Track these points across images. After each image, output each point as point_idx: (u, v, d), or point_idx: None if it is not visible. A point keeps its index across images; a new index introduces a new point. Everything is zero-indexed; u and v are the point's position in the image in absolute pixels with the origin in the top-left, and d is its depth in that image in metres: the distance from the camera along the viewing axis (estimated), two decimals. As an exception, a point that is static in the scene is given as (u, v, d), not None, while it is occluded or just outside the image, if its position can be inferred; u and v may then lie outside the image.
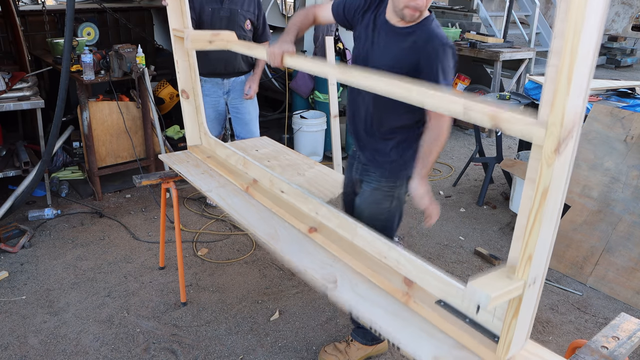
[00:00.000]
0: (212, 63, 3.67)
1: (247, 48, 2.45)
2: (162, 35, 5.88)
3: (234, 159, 2.68)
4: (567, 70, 1.06)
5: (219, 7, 3.60)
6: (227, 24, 3.58)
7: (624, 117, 3.47)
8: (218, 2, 3.61)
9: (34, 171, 3.74)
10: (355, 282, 1.80)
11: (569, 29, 1.03)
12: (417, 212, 4.17)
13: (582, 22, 1.01)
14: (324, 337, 2.73)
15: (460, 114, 1.30)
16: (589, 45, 1.06)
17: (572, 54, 1.04)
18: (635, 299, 3.09)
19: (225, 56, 3.66)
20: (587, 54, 1.07)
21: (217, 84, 3.80)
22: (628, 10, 10.50)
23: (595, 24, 1.04)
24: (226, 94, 3.87)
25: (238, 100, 3.89)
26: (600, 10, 1.04)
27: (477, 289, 1.21)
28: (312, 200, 2.15)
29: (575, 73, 1.06)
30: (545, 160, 1.15)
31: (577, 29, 1.02)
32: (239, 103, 3.91)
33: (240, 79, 3.86)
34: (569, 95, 1.07)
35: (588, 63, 1.08)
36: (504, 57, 5.74)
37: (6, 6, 4.44)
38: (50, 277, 3.17)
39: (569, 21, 1.03)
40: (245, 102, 3.92)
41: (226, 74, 3.78)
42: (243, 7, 3.68)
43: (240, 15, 3.66)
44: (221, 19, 3.60)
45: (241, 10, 3.67)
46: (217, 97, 3.83)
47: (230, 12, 3.63)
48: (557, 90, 1.08)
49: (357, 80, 1.64)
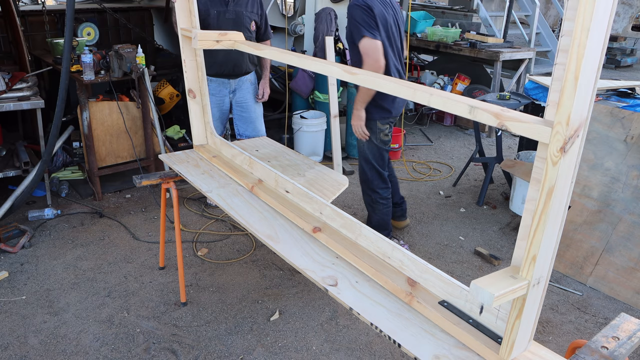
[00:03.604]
0: (220, 65, 3.69)
1: (255, 48, 2.45)
2: (162, 35, 5.88)
3: (240, 158, 2.68)
4: (574, 69, 1.06)
5: (224, 10, 3.60)
6: (233, 26, 3.57)
7: (624, 117, 3.47)
8: (223, 5, 3.60)
9: (34, 171, 3.74)
10: (358, 282, 1.80)
11: (577, 26, 1.03)
12: (417, 213, 4.17)
13: (591, 19, 1.01)
14: (324, 337, 2.73)
15: (466, 113, 1.30)
16: (597, 43, 1.05)
17: (579, 51, 1.04)
18: (635, 299, 3.09)
19: (232, 58, 3.70)
20: (595, 52, 1.06)
21: (224, 84, 3.81)
22: (628, 10, 10.51)
23: (603, 22, 1.04)
24: (232, 93, 3.88)
25: (244, 98, 3.91)
26: (609, 7, 1.04)
27: (481, 288, 1.21)
28: (316, 200, 2.16)
29: (582, 71, 1.05)
30: (550, 159, 1.14)
31: (585, 26, 1.02)
32: (245, 102, 3.92)
33: (246, 77, 3.89)
34: (576, 94, 1.07)
35: (595, 61, 1.08)
36: (504, 57, 5.74)
37: (6, 6, 4.43)
38: (50, 277, 3.16)
39: (577, 18, 1.03)
40: (251, 101, 3.94)
41: (233, 75, 3.81)
42: (247, 9, 3.68)
43: (245, 17, 3.66)
44: (227, 22, 3.60)
45: (246, 12, 3.67)
46: (222, 96, 3.84)
47: (236, 14, 3.63)
48: (564, 89, 1.08)
49: (364, 81, 1.65)
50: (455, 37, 6.40)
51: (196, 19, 2.67)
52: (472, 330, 1.52)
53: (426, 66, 7.24)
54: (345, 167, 4.91)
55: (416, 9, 8.01)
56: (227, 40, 2.46)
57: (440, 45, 6.36)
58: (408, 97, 1.50)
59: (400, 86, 1.52)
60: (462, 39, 6.41)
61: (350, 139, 5.26)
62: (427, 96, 1.42)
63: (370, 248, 1.91)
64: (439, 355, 1.48)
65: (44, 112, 3.93)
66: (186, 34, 2.66)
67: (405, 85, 1.51)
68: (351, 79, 1.70)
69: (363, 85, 1.68)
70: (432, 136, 6.10)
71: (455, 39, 6.38)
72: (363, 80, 1.66)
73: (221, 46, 2.47)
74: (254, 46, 2.40)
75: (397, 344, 1.53)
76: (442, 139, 6.05)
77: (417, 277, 1.72)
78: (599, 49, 1.07)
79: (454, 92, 6.37)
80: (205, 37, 2.43)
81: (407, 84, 1.53)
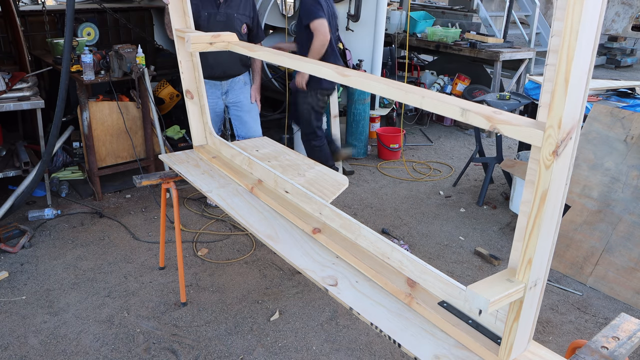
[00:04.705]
0: (211, 68, 3.66)
1: (248, 49, 2.44)
2: (162, 35, 5.87)
3: (239, 159, 2.68)
4: (564, 69, 1.04)
5: (215, 12, 3.57)
6: (223, 28, 3.54)
7: (624, 117, 3.47)
8: (214, 7, 3.57)
9: (34, 171, 3.74)
10: (358, 282, 1.80)
11: (566, 26, 1.02)
12: (417, 213, 4.17)
13: (580, 19, 1.00)
14: (324, 337, 2.73)
15: (458, 115, 1.29)
16: (587, 42, 1.04)
17: (569, 51, 1.02)
18: (635, 299, 3.09)
19: (222, 61, 3.68)
20: (586, 52, 1.05)
21: (215, 86, 3.81)
22: (628, 10, 10.51)
23: (593, 21, 1.03)
24: (224, 94, 3.88)
25: (237, 99, 3.91)
26: (598, 7, 1.02)
27: (476, 294, 1.20)
28: (315, 200, 2.16)
29: (573, 72, 1.04)
30: (543, 162, 1.13)
31: (575, 27, 1.01)
32: (239, 102, 3.92)
33: (238, 78, 3.88)
34: (567, 95, 1.05)
35: (586, 61, 1.06)
36: (504, 57, 5.74)
37: (6, 6, 4.43)
38: (50, 277, 3.17)
39: (567, 18, 1.01)
40: (245, 100, 3.94)
41: (225, 76, 3.81)
42: (239, 11, 3.65)
43: (236, 19, 3.64)
44: (217, 24, 3.57)
45: (237, 15, 3.64)
46: (215, 98, 3.84)
47: (227, 16, 3.60)
48: (555, 91, 1.07)
49: (355, 82, 1.65)
50: (455, 37, 6.40)
51: (191, 20, 2.66)
52: (472, 331, 1.52)
53: (426, 66, 7.24)
54: (345, 167, 4.92)
55: (416, 9, 8.01)
56: (221, 42, 2.45)
57: (440, 45, 6.36)
58: (400, 99, 1.47)
59: (391, 88, 1.50)
60: (462, 39, 6.41)
61: (350, 139, 5.27)
62: (419, 98, 1.40)
63: (369, 248, 1.91)
64: (439, 356, 1.48)
65: (44, 112, 3.93)
66: (181, 35, 2.65)
67: (396, 87, 1.49)
68: (343, 81, 1.69)
69: (354, 86, 1.68)
70: (432, 136, 6.10)
71: (455, 39, 6.38)
72: (354, 82, 1.65)
73: (215, 48, 2.46)
74: (247, 47, 2.39)
75: (397, 344, 1.54)
76: (442, 139, 6.05)
77: (417, 277, 1.72)
78: (590, 49, 1.05)
79: (454, 92, 6.38)
80: (198, 39, 2.43)
81: (399, 85, 1.50)
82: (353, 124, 5.20)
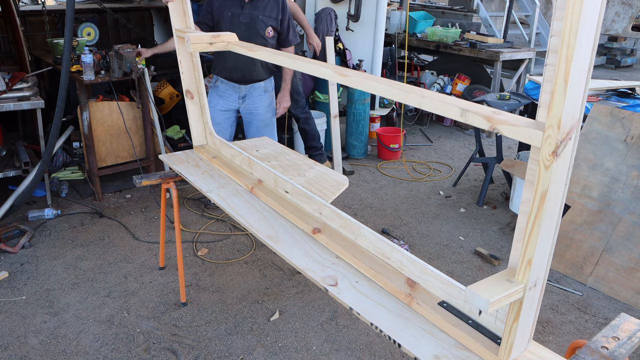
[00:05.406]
0: (229, 71, 3.55)
1: (247, 49, 2.43)
2: (162, 35, 5.88)
3: (239, 159, 2.68)
4: (564, 69, 1.04)
5: (238, 12, 3.42)
6: (245, 30, 3.41)
7: (624, 117, 3.47)
8: (238, 7, 3.42)
9: (34, 171, 3.74)
10: (358, 282, 1.80)
11: (565, 26, 1.02)
12: (417, 213, 4.17)
13: (579, 19, 1.00)
14: (324, 337, 2.73)
15: (458, 116, 1.29)
16: (586, 42, 1.04)
17: (568, 51, 1.02)
18: (635, 299, 3.09)
19: (242, 65, 3.52)
20: (585, 51, 1.05)
21: (234, 88, 3.64)
22: (628, 10, 10.51)
23: (593, 21, 1.03)
24: (242, 98, 3.69)
25: (253, 106, 3.71)
26: (598, 6, 1.02)
27: (476, 294, 1.20)
28: (315, 200, 2.16)
29: (572, 72, 1.04)
30: (543, 163, 1.13)
31: (574, 27, 1.01)
32: (255, 109, 3.73)
33: (259, 84, 3.68)
34: (567, 95, 1.05)
35: (586, 61, 1.06)
36: (504, 57, 5.74)
37: (6, 6, 4.44)
38: (50, 277, 3.17)
39: (566, 18, 1.01)
40: (262, 109, 3.74)
41: (244, 81, 3.62)
42: (265, 13, 3.46)
43: (260, 22, 3.45)
44: (240, 26, 3.42)
45: (262, 17, 3.45)
46: (231, 100, 3.67)
47: (251, 18, 3.43)
48: (554, 92, 1.07)
49: (355, 83, 1.64)
50: (455, 37, 6.40)
51: (190, 20, 2.65)
52: (472, 331, 1.52)
53: (426, 66, 7.24)
54: (345, 167, 4.92)
55: (416, 9, 8.01)
56: (221, 42, 2.45)
57: (440, 45, 6.36)
58: (400, 99, 1.46)
59: (392, 88, 1.50)
60: (462, 39, 6.41)
61: (350, 139, 5.27)
62: (419, 99, 1.40)
63: (369, 248, 1.91)
64: (439, 356, 1.48)
65: (44, 112, 3.93)
66: (181, 35, 2.65)
67: (396, 87, 1.49)
68: (343, 81, 1.68)
69: (354, 86, 1.68)
70: (432, 136, 6.10)
71: (455, 39, 6.38)
72: (354, 82, 1.64)
73: (215, 48, 2.45)
74: (247, 47, 2.38)
75: (397, 344, 1.54)
76: (442, 139, 6.05)
77: (417, 277, 1.72)
78: (589, 49, 1.05)
79: (454, 92, 6.38)
80: (198, 39, 2.42)
81: (399, 85, 1.50)
82: (353, 124, 5.20)
